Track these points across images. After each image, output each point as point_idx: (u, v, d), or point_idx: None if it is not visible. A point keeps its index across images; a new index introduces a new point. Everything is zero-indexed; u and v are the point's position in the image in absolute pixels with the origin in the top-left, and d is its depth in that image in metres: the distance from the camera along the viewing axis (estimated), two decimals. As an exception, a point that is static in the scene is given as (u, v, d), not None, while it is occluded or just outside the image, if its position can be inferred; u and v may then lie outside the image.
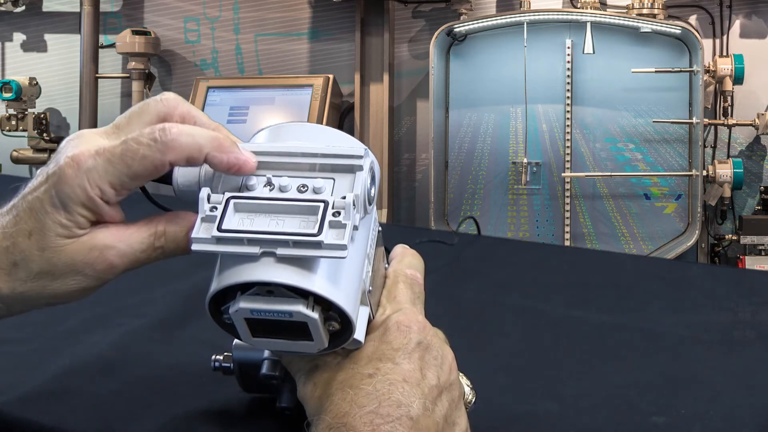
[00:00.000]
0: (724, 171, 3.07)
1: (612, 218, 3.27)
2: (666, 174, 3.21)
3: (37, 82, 3.58)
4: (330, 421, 0.52)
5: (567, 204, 3.24)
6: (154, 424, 0.69)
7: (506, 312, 1.01)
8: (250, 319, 0.52)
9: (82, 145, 0.54)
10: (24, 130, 3.55)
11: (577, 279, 1.16)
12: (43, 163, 0.61)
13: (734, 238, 3.15)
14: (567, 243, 3.23)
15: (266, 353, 0.65)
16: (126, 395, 0.74)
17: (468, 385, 0.66)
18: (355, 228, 0.51)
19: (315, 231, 0.50)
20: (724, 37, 3.25)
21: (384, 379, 0.53)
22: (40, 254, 0.54)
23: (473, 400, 0.65)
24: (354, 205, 0.51)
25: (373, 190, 0.56)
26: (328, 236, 0.50)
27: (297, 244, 0.50)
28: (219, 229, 0.51)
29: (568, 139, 3.22)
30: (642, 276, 1.18)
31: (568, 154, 3.22)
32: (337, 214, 0.51)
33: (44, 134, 3.57)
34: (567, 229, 3.24)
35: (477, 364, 0.71)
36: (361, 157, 0.54)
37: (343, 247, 0.50)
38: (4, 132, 3.56)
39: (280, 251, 0.50)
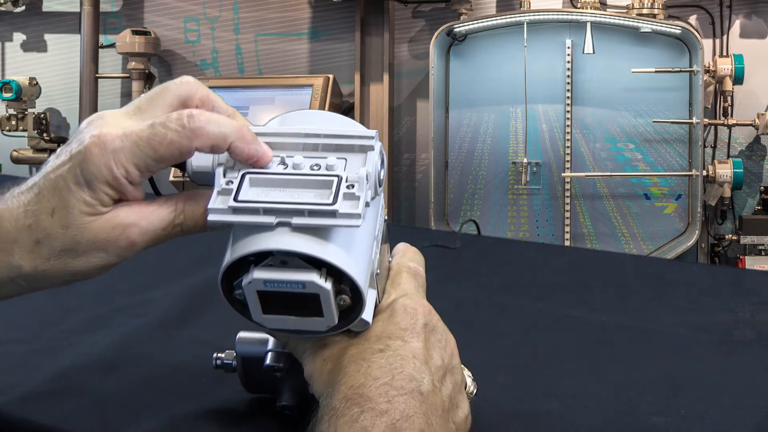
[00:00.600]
0: (724, 171, 3.07)
1: (612, 218, 3.27)
2: (666, 174, 3.21)
3: (37, 82, 3.58)
4: (346, 391, 0.53)
5: (567, 204, 3.24)
6: (154, 424, 0.69)
7: (506, 312, 1.01)
8: (263, 293, 0.53)
9: (106, 125, 0.55)
10: (24, 130, 3.55)
11: (577, 279, 1.16)
12: (43, 163, 0.61)
13: (734, 238, 3.15)
14: (567, 243, 3.23)
15: (270, 345, 0.65)
16: (126, 395, 0.74)
17: (469, 376, 0.67)
18: (367, 204, 0.52)
19: (330, 201, 0.51)
20: (724, 37, 3.25)
21: (395, 354, 0.55)
22: (64, 232, 0.55)
23: (474, 391, 0.66)
24: (367, 179, 0.53)
25: (382, 173, 0.57)
26: (342, 206, 0.51)
27: (312, 214, 0.51)
28: (235, 200, 0.52)
29: (568, 139, 3.22)
30: (642, 276, 1.18)
31: (568, 154, 3.22)
32: (350, 186, 0.52)
33: (44, 134, 3.57)
34: (567, 229, 3.24)
35: (477, 364, 0.71)
36: (372, 137, 0.55)
37: (357, 216, 0.51)
38: (4, 132, 3.56)
39: (296, 220, 0.51)
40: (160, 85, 0.59)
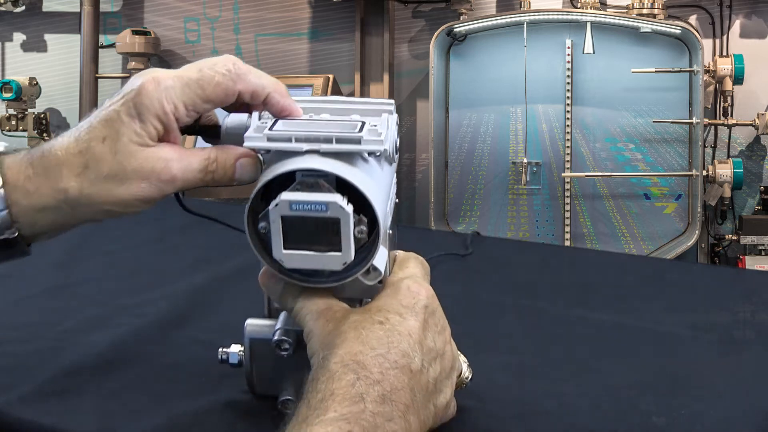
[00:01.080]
0: (724, 171, 3.07)
1: (612, 218, 3.27)
2: (666, 174, 3.21)
3: (37, 82, 3.58)
4: (343, 356, 0.56)
5: (567, 204, 3.24)
6: (154, 424, 0.69)
7: (506, 312, 1.01)
8: (286, 219, 0.56)
9: (158, 71, 0.61)
10: (24, 130, 3.55)
11: (577, 279, 1.16)
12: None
13: (734, 238, 3.15)
14: (567, 243, 3.23)
15: (279, 324, 0.66)
16: (126, 395, 0.74)
17: (465, 362, 0.67)
18: (386, 157, 0.60)
19: (356, 131, 0.58)
20: (724, 37, 3.25)
21: (393, 329, 0.58)
22: (113, 157, 0.60)
23: (470, 376, 0.68)
24: (388, 125, 0.60)
25: (397, 141, 0.64)
26: (367, 135, 0.57)
27: (339, 141, 0.57)
28: (270, 130, 0.59)
29: (568, 139, 3.22)
30: (642, 276, 1.18)
31: (568, 154, 3.22)
32: (373, 126, 0.59)
33: (44, 134, 3.57)
34: (567, 229, 3.24)
35: (477, 364, 0.71)
36: (392, 103, 0.63)
37: (380, 143, 0.57)
38: (4, 132, 3.56)
39: (324, 147, 0.57)
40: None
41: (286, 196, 0.56)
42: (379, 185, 0.60)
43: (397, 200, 0.68)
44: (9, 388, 0.74)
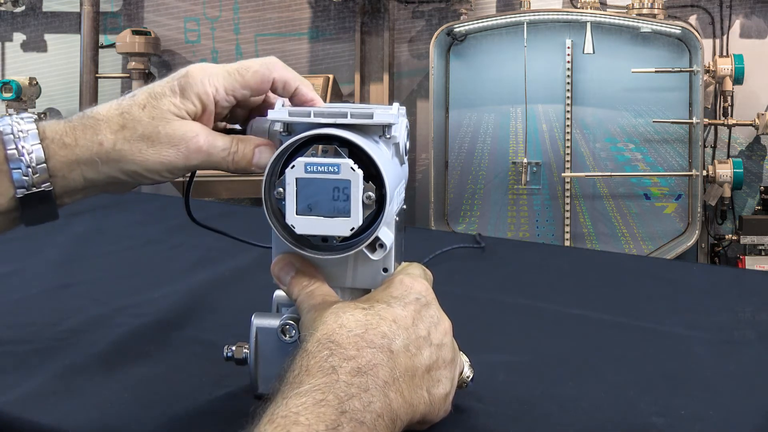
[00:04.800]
0: (724, 171, 3.06)
1: (612, 218, 3.27)
2: (666, 174, 3.21)
3: (37, 82, 3.57)
4: (320, 337, 0.58)
5: (567, 204, 3.24)
6: (154, 424, 0.69)
7: (506, 312, 1.01)
8: (300, 182, 0.62)
9: (205, 63, 0.69)
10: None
11: (577, 279, 1.16)
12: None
13: (734, 238, 3.15)
14: (567, 243, 3.23)
15: (285, 315, 0.68)
16: (126, 395, 0.74)
17: (467, 362, 0.68)
18: (398, 144, 0.66)
19: (370, 111, 0.64)
20: (724, 37, 3.25)
21: (375, 313, 0.61)
22: (150, 120, 0.65)
23: (471, 376, 0.69)
24: (399, 113, 0.66)
25: (408, 144, 0.70)
26: (378, 113, 0.64)
27: (354, 116, 0.63)
28: (290, 108, 0.66)
29: (568, 139, 3.22)
30: (642, 276, 1.18)
31: (568, 154, 3.22)
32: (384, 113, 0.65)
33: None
34: (567, 229, 3.24)
35: (477, 364, 0.71)
36: (402, 108, 0.68)
37: (392, 117, 0.64)
38: (4, 132, 3.56)
39: (339, 120, 0.63)
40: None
41: (301, 159, 0.62)
42: (387, 163, 0.64)
43: (405, 206, 0.71)
44: (9, 388, 0.75)
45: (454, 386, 0.66)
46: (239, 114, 0.73)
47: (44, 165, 0.64)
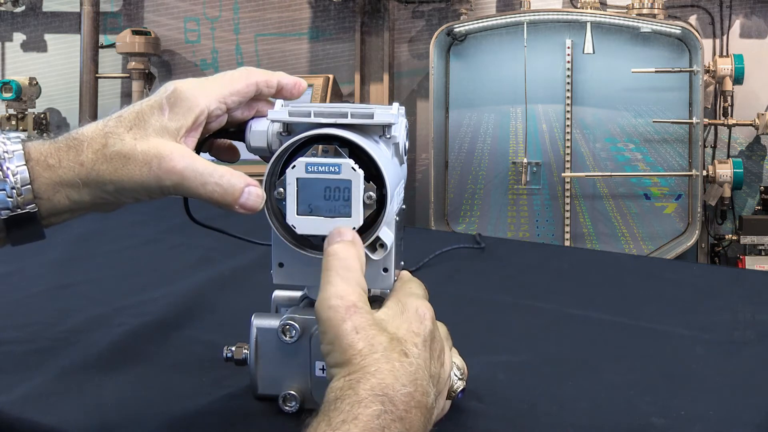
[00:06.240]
0: (724, 171, 3.06)
1: (612, 218, 3.27)
2: (666, 174, 3.21)
3: (37, 82, 3.57)
4: (374, 384, 0.57)
5: (567, 204, 3.24)
6: (154, 424, 0.69)
7: (506, 311, 1.01)
8: (301, 182, 0.62)
9: (188, 79, 0.67)
10: (24, 130, 3.55)
11: (577, 279, 1.16)
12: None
13: (734, 238, 3.15)
14: (567, 243, 3.23)
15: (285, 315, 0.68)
16: (126, 395, 0.74)
17: (459, 370, 0.68)
18: (397, 143, 0.65)
19: (370, 111, 0.64)
20: (724, 37, 3.25)
21: (415, 363, 0.59)
22: (131, 139, 0.64)
23: (461, 387, 0.69)
24: (399, 113, 0.65)
25: (407, 144, 0.69)
26: (378, 112, 0.63)
27: (354, 116, 0.63)
28: (291, 108, 0.65)
29: (568, 139, 3.22)
30: (642, 276, 1.18)
31: (568, 154, 3.22)
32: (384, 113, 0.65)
33: (44, 134, 3.55)
34: (567, 229, 3.24)
35: (476, 364, 0.71)
36: (402, 108, 0.67)
37: (392, 117, 0.64)
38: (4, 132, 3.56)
39: (340, 120, 0.63)
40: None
41: (302, 159, 0.62)
42: (387, 163, 0.63)
43: (404, 206, 0.70)
44: (9, 388, 0.75)
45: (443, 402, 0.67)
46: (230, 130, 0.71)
47: (29, 186, 0.64)
